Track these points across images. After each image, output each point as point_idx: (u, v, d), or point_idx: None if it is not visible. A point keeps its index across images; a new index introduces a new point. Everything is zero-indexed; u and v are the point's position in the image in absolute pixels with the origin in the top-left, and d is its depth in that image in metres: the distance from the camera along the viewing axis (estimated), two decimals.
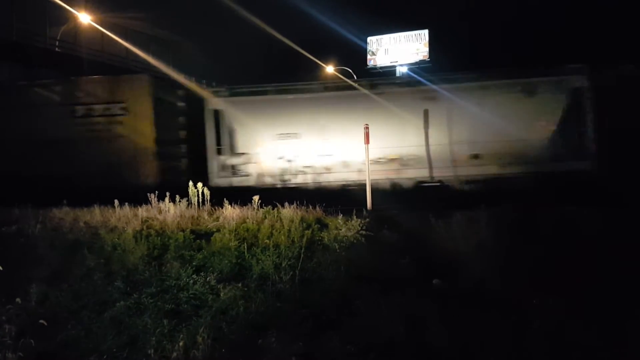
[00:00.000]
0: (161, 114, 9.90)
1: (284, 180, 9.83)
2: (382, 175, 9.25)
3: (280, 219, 6.14)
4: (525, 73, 9.57)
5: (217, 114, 10.02)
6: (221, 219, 6.41)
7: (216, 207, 7.05)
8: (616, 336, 2.91)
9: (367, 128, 8.02)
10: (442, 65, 25.63)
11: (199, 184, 7.05)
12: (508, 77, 9.56)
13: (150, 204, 7.02)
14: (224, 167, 10.05)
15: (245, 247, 4.96)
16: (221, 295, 3.81)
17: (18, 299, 3.51)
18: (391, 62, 27.95)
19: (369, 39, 27.00)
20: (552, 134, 9.08)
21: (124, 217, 6.57)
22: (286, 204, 6.75)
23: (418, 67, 26.06)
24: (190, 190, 7.00)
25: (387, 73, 26.69)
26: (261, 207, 6.81)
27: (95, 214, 6.88)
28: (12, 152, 9.70)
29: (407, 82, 12.61)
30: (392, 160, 9.48)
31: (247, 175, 9.99)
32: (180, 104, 10.19)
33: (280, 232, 5.49)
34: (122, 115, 9.85)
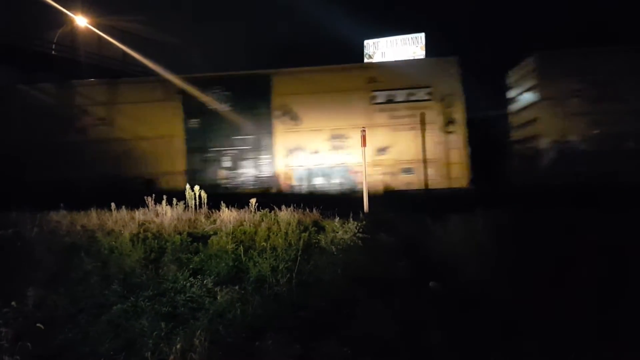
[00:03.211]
0: None
1: None
2: None
3: (278, 222, 6.16)
4: None
5: None
6: (218, 221, 6.42)
7: (213, 210, 7.06)
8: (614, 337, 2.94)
9: (364, 131, 8.06)
10: None
11: (196, 187, 7.07)
12: None
13: (147, 207, 7.03)
14: None
15: (242, 249, 4.97)
16: (218, 298, 3.82)
17: (13, 303, 3.50)
18: None
19: (365, 42, 27.06)
20: None
21: (121, 220, 6.57)
22: (283, 206, 6.78)
23: None
24: (187, 193, 7.01)
25: None
26: (258, 210, 6.83)
27: (92, 217, 6.87)
28: None
29: None
30: None
31: None
32: None
33: (277, 234, 5.50)
34: None
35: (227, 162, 10.45)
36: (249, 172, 10.43)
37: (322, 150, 10.38)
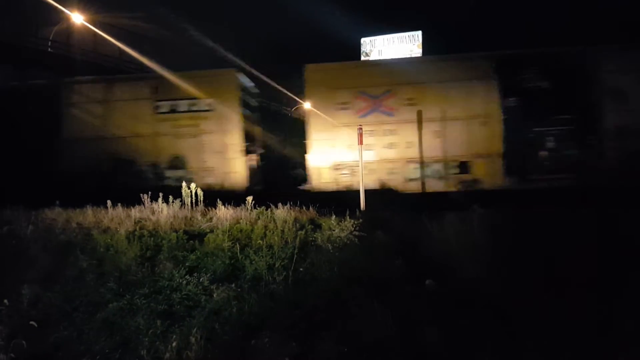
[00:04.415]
0: None
1: None
2: None
3: (274, 220, 6.15)
4: None
5: None
6: (214, 219, 6.41)
7: (209, 208, 7.04)
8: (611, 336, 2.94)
9: (361, 129, 8.07)
10: None
11: (192, 185, 7.05)
12: None
13: (143, 204, 7.01)
14: None
15: (239, 247, 4.96)
16: (214, 295, 3.81)
17: (6, 300, 3.48)
18: None
19: (362, 40, 27.06)
20: None
21: (117, 217, 6.55)
22: (279, 204, 6.77)
23: None
24: (183, 191, 6.99)
25: None
26: (254, 207, 6.82)
27: (88, 215, 6.84)
28: None
29: None
30: None
31: None
32: None
33: (273, 232, 5.50)
34: None
35: (549, 144, 9.80)
36: (572, 153, 9.72)
37: None
